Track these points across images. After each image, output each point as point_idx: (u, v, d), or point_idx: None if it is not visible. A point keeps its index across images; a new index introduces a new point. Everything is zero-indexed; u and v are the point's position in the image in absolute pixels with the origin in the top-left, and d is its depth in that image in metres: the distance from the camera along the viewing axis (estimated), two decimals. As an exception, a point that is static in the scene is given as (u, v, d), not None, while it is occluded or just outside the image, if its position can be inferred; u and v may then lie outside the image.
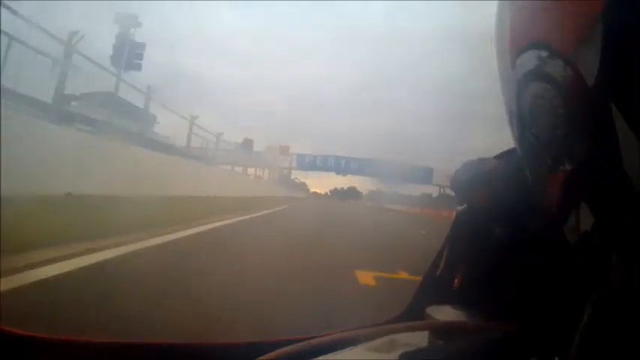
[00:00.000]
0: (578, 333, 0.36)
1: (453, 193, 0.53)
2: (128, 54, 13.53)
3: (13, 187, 4.00)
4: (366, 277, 3.36)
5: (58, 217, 4.01)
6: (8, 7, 6.42)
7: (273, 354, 0.36)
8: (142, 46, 14.48)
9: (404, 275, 3.62)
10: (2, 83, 6.82)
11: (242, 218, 7.94)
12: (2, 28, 6.60)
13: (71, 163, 6.05)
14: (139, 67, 14.10)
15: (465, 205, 0.52)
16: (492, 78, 0.34)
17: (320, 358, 0.37)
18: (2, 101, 5.88)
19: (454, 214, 0.53)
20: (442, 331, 0.43)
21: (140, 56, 14.29)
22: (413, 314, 0.48)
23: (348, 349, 0.39)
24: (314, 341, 0.38)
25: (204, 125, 19.10)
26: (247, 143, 35.39)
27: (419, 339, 0.42)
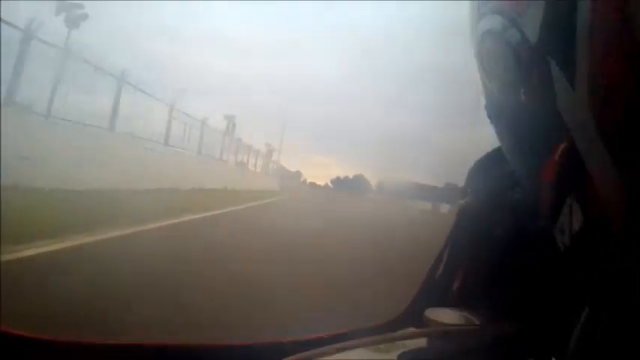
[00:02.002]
0: (575, 334, 0.37)
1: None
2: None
3: None
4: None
5: None
6: None
7: None
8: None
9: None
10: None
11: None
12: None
13: None
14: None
15: (466, 203, 0.52)
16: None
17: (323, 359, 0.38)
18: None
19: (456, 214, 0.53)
20: (442, 335, 0.43)
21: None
22: (412, 316, 0.49)
23: (350, 351, 0.40)
24: (317, 350, 0.39)
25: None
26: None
27: (419, 342, 0.43)
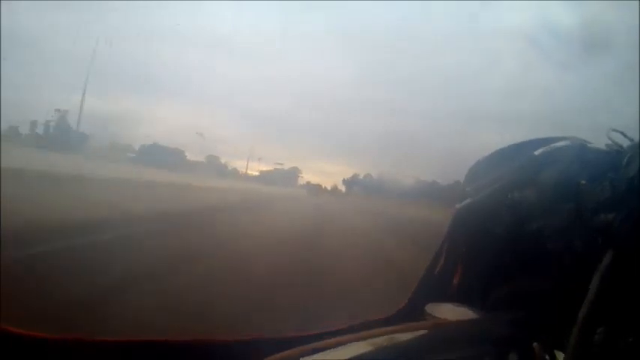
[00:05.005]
0: (575, 327, 0.36)
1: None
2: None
3: None
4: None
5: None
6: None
7: (277, 356, 0.38)
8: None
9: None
10: None
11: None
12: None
13: None
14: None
15: (465, 202, 0.52)
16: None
17: (321, 354, 0.39)
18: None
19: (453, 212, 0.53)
20: (441, 330, 0.43)
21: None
22: (413, 311, 0.49)
23: (349, 345, 0.41)
24: (317, 344, 0.40)
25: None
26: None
27: (419, 337, 0.43)
